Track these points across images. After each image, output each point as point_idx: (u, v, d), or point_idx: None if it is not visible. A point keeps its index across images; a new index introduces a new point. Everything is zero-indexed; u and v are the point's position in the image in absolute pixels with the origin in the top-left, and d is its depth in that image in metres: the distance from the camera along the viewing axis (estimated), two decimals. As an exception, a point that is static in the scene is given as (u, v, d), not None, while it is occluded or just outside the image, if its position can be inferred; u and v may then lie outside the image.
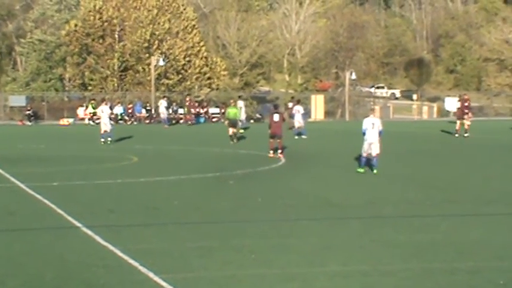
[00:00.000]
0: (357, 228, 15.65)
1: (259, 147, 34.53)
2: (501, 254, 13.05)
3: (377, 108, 78.91)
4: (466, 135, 42.27)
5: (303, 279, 11.47)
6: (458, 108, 43.90)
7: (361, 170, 25.32)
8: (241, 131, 45.39)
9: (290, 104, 50.45)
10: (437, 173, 25.71)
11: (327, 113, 77.94)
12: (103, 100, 44.54)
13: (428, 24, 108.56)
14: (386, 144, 37.87)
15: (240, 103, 46.21)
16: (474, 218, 16.98)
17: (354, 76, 78.51)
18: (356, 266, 12.29)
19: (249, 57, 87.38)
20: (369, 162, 25.45)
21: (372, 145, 25.17)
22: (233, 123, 40.80)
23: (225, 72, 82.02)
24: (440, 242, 14.11)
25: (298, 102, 47.25)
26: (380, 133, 25.34)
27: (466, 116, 42.90)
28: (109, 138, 39.30)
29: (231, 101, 46.58)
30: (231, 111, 41.17)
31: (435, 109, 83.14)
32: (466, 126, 42.62)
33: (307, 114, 44.07)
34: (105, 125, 39.58)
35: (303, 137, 43.03)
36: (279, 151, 31.79)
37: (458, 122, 43.48)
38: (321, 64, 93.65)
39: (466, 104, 43.75)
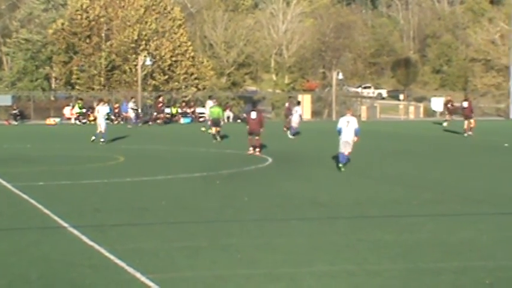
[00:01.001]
0: (344, 228, 15.66)
1: (246, 147, 34.51)
2: (487, 254, 13.09)
3: (363, 107, 79.17)
4: (469, 133, 43.07)
5: (290, 279, 11.46)
6: (465, 108, 44.30)
7: (341, 166, 25.55)
8: (203, 129, 45.77)
9: (287, 104, 50.80)
10: (424, 173, 25.77)
11: (314, 113, 78.01)
12: (100, 100, 44.23)
13: (415, 24, 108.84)
14: (373, 144, 38.00)
15: (210, 103, 46.48)
16: (461, 218, 17.02)
17: (340, 76, 78.61)
18: (343, 265, 12.30)
19: (236, 57, 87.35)
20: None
21: (346, 143, 25.31)
22: (216, 122, 41.38)
23: (212, 72, 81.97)
24: (426, 242, 14.14)
25: (298, 103, 47.95)
26: (356, 132, 25.45)
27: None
28: (101, 140, 38.97)
29: (214, 100, 46.69)
30: (214, 111, 41.76)
31: (422, 109, 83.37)
32: (472, 125, 43.45)
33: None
34: (100, 126, 39.33)
35: (291, 137, 43.38)
36: (257, 149, 32.33)
37: (466, 121, 44.06)
38: (308, 64, 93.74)
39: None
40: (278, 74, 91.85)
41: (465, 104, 44.74)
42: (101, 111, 40.23)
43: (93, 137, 39.20)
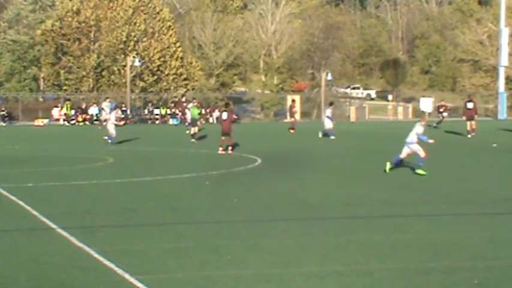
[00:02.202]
0: (334, 229, 15.67)
1: (235, 148, 34.51)
2: (475, 254, 13.13)
3: (351, 108, 79.26)
4: (473, 134, 43.06)
5: (279, 279, 11.46)
6: (469, 109, 44.09)
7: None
8: (187, 131, 45.91)
9: (290, 103, 50.85)
10: (412, 174, 25.81)
11: (303, 114, 78.11)
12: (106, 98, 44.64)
13: (403, 25, 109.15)
14: (362, 145, 38.08)
15: (191, 104, 46.57)
16: (449, 218, 17.06)
17: (329, 77, 78.76)
18: (332, 266, 12.31)
19: (225, 58, 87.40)
20: None
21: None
22: (193, 123, 42.43)
23: (201, 73, 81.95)
24: (415, 242, 14.17)
25: (331, 104, 46.81)
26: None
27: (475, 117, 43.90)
28: (109, 141, 39.18)
29: (195, 101, 46.71)
30: (192, 111, 42.57)
31: (410, 109, 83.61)
32: (473, 127, 43.43)
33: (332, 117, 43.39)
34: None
35: (332, 137, 42.50)
36: (229, 148, 33.28)
37: (468, 123, 43.92)
38: (297, 65, 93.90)
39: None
40: (267, 75, 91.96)
41: (470, 105, 44.44)
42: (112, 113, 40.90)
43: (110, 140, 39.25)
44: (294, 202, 19.41)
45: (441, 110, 56.38)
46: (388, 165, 25.37)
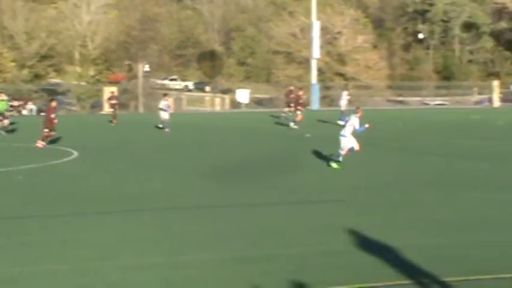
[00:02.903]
0: (152, 221, 15.55)
1: (52, 141, 33.54)
2: (291, 242, 13.41)
3: (169, 99, 79.15)
4: (294, 126, 42.32)
5: (95, 273, 11.23)
6: (291, 98, 43.31)
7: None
8: None
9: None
10: (231, 163, 26.04)
11: (121, 105, 77.15)
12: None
13: (219, 17, 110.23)
14: (178, 136, 38.10)
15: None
16: (266, 208, 17.33)
17: (147, 68, 78.35)
18: (150, 258, 12.20)
19: (39, 49, 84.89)
20: None
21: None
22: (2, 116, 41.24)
23: (13, 64, 79.20)
24: (233, 232, 14.30)
25: (164, 95, 45.99)
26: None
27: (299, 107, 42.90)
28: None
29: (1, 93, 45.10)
30: (1, 104, 41.39)
31: (227, 101, 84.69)
32: (298, 118, 42.70)
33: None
34: None
35: (166, 130, 41.33)
36: (42, 140, 32.82)
37: (295, 112, 42.89)
38: (114, 56, 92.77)
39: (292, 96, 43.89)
40: (83, 66, 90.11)
41: (292, 95, 44.02)
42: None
43: None
44: (111, 195, 19.10)
45: (291, 96, 55.19)
46: (334, 165, 23.81)
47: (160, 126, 41.86)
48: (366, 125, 24.40)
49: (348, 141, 23.97)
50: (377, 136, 33.27)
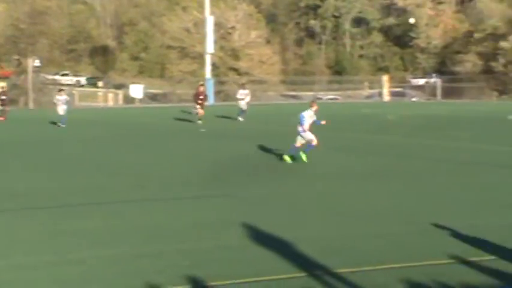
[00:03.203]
0: (44, 219, 15.32)
1: None
2: (183, 238, 13.48)
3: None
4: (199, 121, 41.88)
5: (-13, 274, 11.02)
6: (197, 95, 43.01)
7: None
8: None
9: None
10: (127, 159, 25.86)
11: (10, 101, 75.24)
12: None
13: (111, 11, 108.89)
14: (72, 132, 37.52)
15: None
16: (160, 203, 17.34)
17: (37, 63, 76.66)
18: (43, 256, 12.04)
19: None
20: None
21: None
22: None
23: None
24: (128, 228, 14.26)
25: (60, 91, 44.92)
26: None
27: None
28: None
29: None
30: None
31: (121, 96, 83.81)
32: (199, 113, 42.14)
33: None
34: None
35: (61, 125, 40.56)
36: None
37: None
38: (2, 50, 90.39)
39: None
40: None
41: (202, 89, 43.59)
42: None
43: None
44: (1, 192, 18.66)
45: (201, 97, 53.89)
46: (287, 158, 24.08)
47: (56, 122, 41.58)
48: (322, 121, 24.74)
49: (309, 134, 24.25)
50: (270, 131, 33.61)
